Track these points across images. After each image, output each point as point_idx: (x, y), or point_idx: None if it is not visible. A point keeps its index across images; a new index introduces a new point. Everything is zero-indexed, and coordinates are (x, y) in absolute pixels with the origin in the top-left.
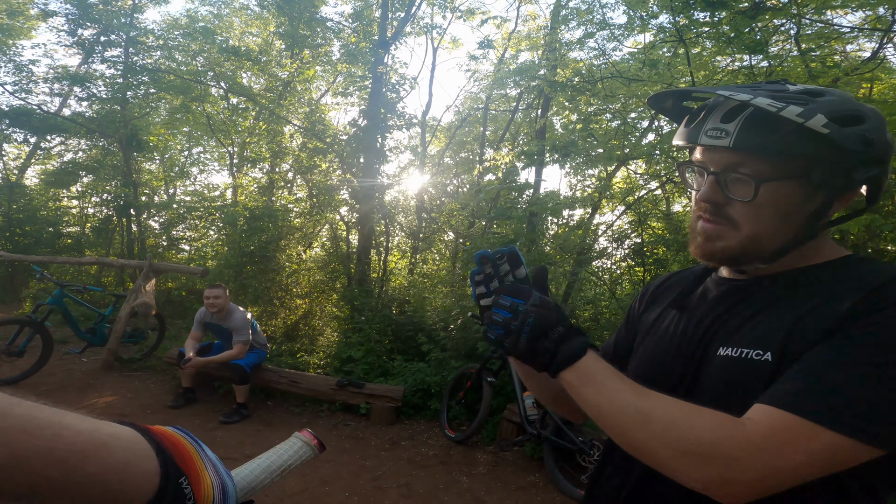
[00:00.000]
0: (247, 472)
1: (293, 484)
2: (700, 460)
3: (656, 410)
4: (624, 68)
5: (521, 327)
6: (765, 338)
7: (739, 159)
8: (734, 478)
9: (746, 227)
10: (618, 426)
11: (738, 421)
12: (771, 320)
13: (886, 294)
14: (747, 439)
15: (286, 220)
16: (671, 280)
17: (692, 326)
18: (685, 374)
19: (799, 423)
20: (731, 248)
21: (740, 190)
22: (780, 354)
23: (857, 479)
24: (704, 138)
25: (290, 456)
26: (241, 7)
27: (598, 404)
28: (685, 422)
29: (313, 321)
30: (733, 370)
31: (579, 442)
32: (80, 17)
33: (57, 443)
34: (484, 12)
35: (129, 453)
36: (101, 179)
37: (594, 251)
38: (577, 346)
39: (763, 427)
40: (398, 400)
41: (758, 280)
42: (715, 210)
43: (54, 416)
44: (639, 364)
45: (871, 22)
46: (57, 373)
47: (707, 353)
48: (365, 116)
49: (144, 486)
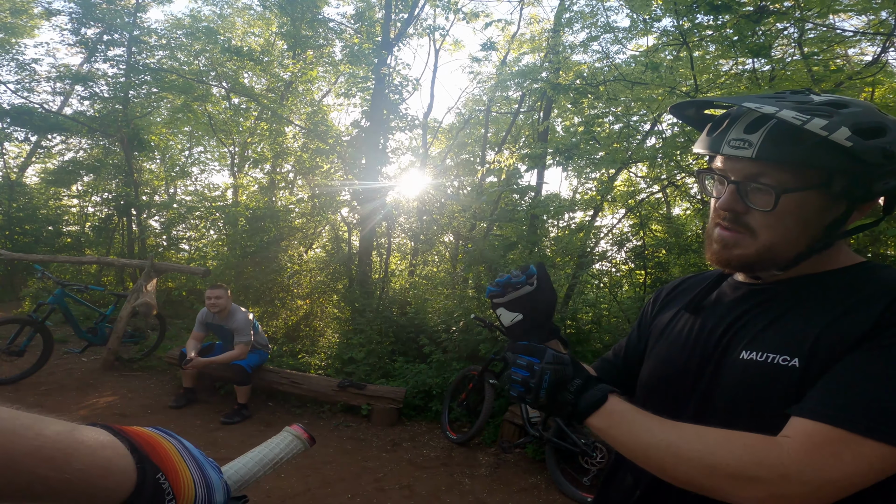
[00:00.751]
0: (239, 465)
1: (295, 485)
2: (746, 482)
3: (688, 441)
4: (627, 71)
5: (540, 384)
6: (791, 343)
7: (761, 169)
8: (787, 493)
9: (764, 235)
10: (654, 463)
11: (772, 439)
12: (796, 326)
13: None
14: (791, 455)
15: (287, 220)
16: (685, 284)
17: (708, 329)
18: (701, 376)
19: (842, 435)
20: (747, 256)
21: (760, 199)
22: (808, 361)
23: (875, 484)
24: (727, 148)
25: (281, 449)
26: (244, 7)
27: (628, 444)
28: (720, 447)
29: (314, 322)
30: (758, 375)
31: (581, 444)
32: (83, 15)
33: (43, 442)
34: (487, 14)
35: (108, 450)
36: (102, 179)
37: (595, 254)
38: (597, 395)
39: (805, 442)
40: (399, 401)
41: (776, 284)
42: (734, 218)
43: (33, 418)
44: (653, 366)
45: (873, 26)
46: (57, 372)
47: (726, 355)
48: (367, 117)
49: (124, 483)
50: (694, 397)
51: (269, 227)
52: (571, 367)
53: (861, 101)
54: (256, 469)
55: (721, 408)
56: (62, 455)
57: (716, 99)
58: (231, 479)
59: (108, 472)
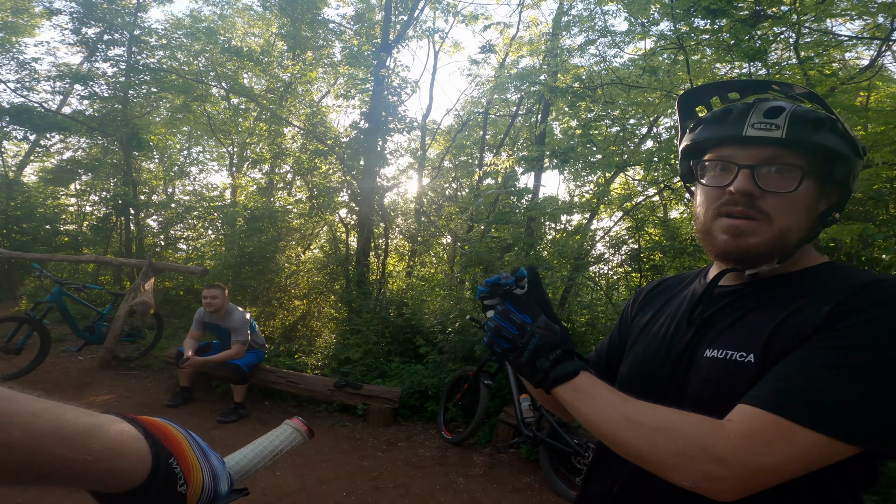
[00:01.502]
0: (240, 456)
1: (291, 483)
2: (689, 461)
3: (644, 418)
4: (624, 75)
5: (527, 345)
6: (748, 340)
7: (780, 153)
8: (721, 476)
9: (780, 219)
10: (611, 434)
11: (719, 422)
12: (755, 323)
13: (862, 298)
14: (729, 438)
15: (285, 221)
16: (663, 285)
17: (682, 330)
18: (674, 375)
19: (778, 421)
20: (762, 244)
21: (777, 182)
22: (763, 356)
23: (836, 476)
24: (751, 130)
25: (280, 441)
26: (244, 7)
27: (590, 416)
28: (672, 426)
29: (312, 322)
30: (718, 371)
31: (574, 444)
32: (84, 15)
33: (63, 423)
34: (486, 17)
35: (123, 435)
36: (100, 178)
37: (591, 256)
38: (570, 368)
39: (744, 427)
40: (395, 401)
41: (745, 286)
42: (748, 202)
43: (52, 402)
44: (630, 365)
45: (869, 30)
46: (54, 370)
47: (694, 355)
48: (366, 119)
49: (139, 466)
50: (668, 395)
51: (267, 227)
52: (559, 336)
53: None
54: (257, 461)
55: (689, 405)
56: (81, 436)
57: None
58: (232, 469)
59: (124, 455)
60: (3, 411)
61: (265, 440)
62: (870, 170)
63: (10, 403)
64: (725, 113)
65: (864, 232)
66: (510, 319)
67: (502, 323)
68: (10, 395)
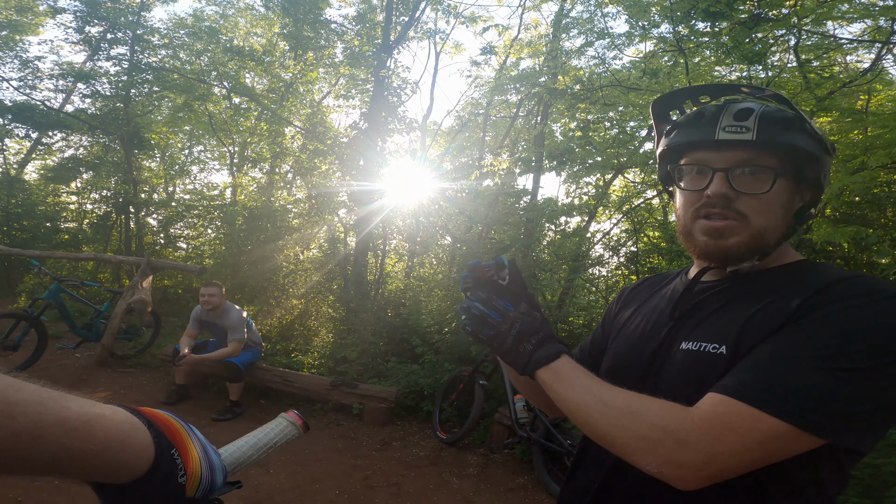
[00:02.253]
0: (234, 448)
1: (284, 480)
2: (652, 444)
3: (615, 401)
4: (623, 77)
5: (510, 330)
6: (722, 332)
7: (753, 155)
8: (682, 460)
9: (756, 219)
10: (582, 416)
11: (686, 408)
12: (729, 316)
13: (831, 293)
14: (693, 423)
15: (285, 220)
16: (645, 283)
17: (661, 325)
18: (650, 367)
19: (741, 408)
20: (742, 244)
21: (751, 184)
22: (735, 347)
23: (806, 476)
24: (723, 133)
25: (275, 434)
26: (247, 7)
27: (566, 398)
28: (640, 409)
29: (309, 321)
30: (692, 362)
31: (567, 445)
32: (88, 14)
33: (68, 413)
34: (486, 19)
35: (126, 425)
36: (101, 176)
37: (589, 259)
38: (552, 351)
39: (708, 412)
40: (391, 401)
41: (722, 281)
42: (725, 205)
43: (57, 392)
44: (610, 360)
45: (870, 33)
46: (50, 368)
47: (671, 347)
48: (366, 119)
49: (142, 455)
50: (644, 389)
51: (267, 226)
52: (539, 321)
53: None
54: (251, 453)
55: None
56: (86, 427)
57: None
58: (226, 461)
59: (128, 445)
60: (8, 400)
61: (260, 433)
62: (866, 173)
63: (16, 393)
64: (698, 116)
65: (857, 235)
66: (493, 307)
67: (486, 311)
68: (17, 384)
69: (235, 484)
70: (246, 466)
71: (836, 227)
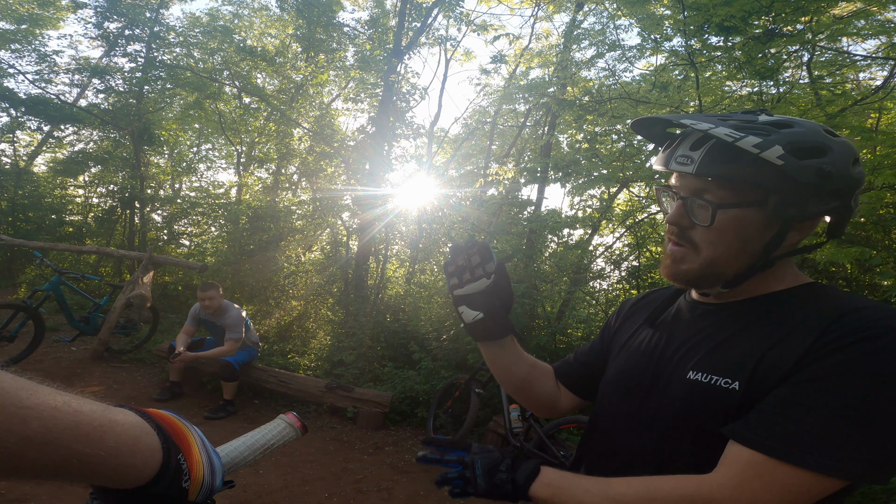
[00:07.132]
0: (231, 448)
1: (273, 481)
2: None
3: (625, 496)
4: (633, 90)
5: (474, 472)
6: (734, 366)
7: (703, 185)
8: None
9: (706, 250)
10: None
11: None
12: (740, 349)
13: (843, 331)
14: (723, 484)
15: (288, 221)
16: (646, 299)
17: (663, 346)
18: (653, 390)
19: (772, 464)
20: (692, 271)
21: (701, 215)
22: (747, 384)
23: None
24: (674, 164)
25: (273, 436)
26: (262, 7)
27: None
28: (656, 491)
29: (307, 323)
30: (701, 395)
31: (560, 456)
32: (108, 9)
33: (81, 419)
34: (497, 27)
35: (136, 430)
36: (109, 170)
37: (591, 272)
38: (530, 466)
39: (738, 470)
40: (386, 406)
41: (727, 305)
42: (681, 233)
43: (70, 396)
44: (612, 377)
45: (884, 50)
46: (45, 360)
47: (675, 373)
48: (373, 123)
49: (150, 461)
50: (645, 409)
51: (270, 226)
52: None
53: (808, 122)
54: (248, 454)
55: (667, 422)
56: (97, 432)
57: (659, 117)
58: (223, 460)
59: (137, 451)
60: (22, 404)
61: (258, 433)
62: (872, 193)
63: (31, 396)
64: (672, 141)
65: (861, 256)
66: (448, 461)
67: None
68: (31, 387)
69: (228, 483)
70: (242, 467)
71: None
